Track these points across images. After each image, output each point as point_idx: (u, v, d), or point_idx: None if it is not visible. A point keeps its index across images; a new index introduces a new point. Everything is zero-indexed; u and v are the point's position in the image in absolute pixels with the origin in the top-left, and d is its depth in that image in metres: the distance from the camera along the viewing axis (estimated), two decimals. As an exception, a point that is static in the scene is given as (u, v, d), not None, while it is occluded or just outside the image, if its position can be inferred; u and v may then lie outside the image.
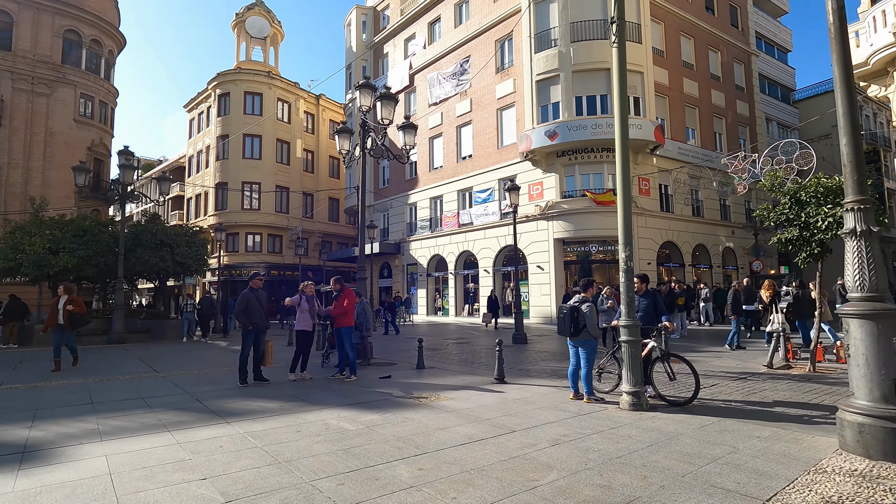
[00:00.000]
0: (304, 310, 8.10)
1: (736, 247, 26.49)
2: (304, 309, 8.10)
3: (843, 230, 4.29)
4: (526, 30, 22.32)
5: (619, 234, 6.09)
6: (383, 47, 32.66)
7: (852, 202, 4.18)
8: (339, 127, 12.01)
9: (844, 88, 4.24)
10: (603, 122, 20.25)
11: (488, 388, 7.12)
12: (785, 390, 6.90)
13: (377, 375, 8.44)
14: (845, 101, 4.24)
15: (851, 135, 4.20)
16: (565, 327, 6.12)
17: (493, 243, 23.90)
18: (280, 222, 35.66)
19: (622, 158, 6.14)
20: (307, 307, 8.12)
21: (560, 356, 11.07)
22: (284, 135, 37.01)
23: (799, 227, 8.81)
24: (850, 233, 4.19)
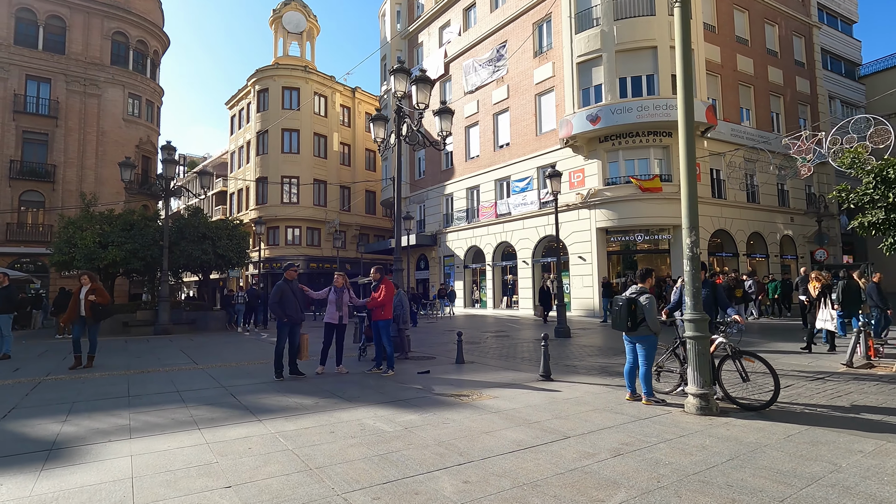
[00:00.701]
0: (332, 301, 7.82)
1: (795, 235, 24.70)
2: (332, 301, 7.82)
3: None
4: (566, 10, 21.34)
5: (684, 218, 5.43)
6: (418, 37, 32.22)
7: None
8: (373, 115, 11.67)
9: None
10: (649, 104, 19.12)
11: (534, 386, 6.62)
12: (875, 393, 6.07)
13: (415, 370, 8.08)
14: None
15: None
16: (621, 321, 5.53)
17: (532, 234, 23.18)
18: (318, 215, 36.01)
19: (686, 131, 5.46)
20: (334, 299, 7.82)
21: (607, 351, 10.41)
22: (321, 128, 37.26)
23: (886, 209, 7.83)
24: None
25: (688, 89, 5.42)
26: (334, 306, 7.83)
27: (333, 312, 7.84)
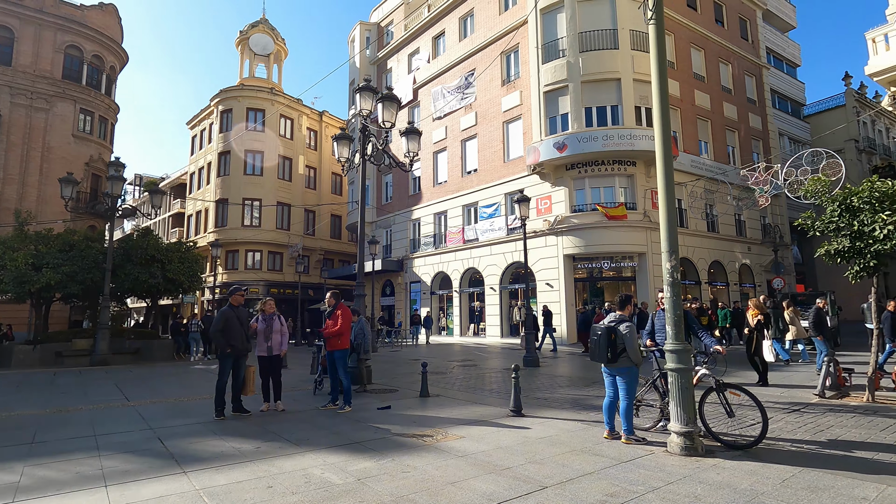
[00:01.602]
0: (260, 332, 7.09)
1: (753, 263, 25.40)
2: (260, 331, 7.09)
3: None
4: (533, 41, 21.75)
5: (663, 241, 5.12)
6: (387, 62, 32.29)
7: None
8: (337, 134, 11.21)
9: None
10: (614, 134, 19.46)
11: (504, 424, 6.07)
12: (855, 427, 5.82)
13: (376, 405, 7.41)
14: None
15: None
16: (601, 352, 5.11)
17: (500, 259, 22.93)
18: (281, 239, 34.86)
19: (663, 148, 5.21)
20: (263, 328, 7.09)
21: (579, 382, 10.00)
22: (287, 151, 36.49)
23: (850, 237, 7.83)
24: None
25: (664, 106, 5.21)
26: (262, 336, 7.11)
27: (262, 343, 7.11)
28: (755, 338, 9.34)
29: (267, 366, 7.12)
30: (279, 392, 7.23)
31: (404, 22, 31.21)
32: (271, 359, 7.19)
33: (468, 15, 26.53)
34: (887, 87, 14.22)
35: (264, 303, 7.44)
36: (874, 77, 14.15)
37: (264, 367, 7.12)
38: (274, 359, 7.24)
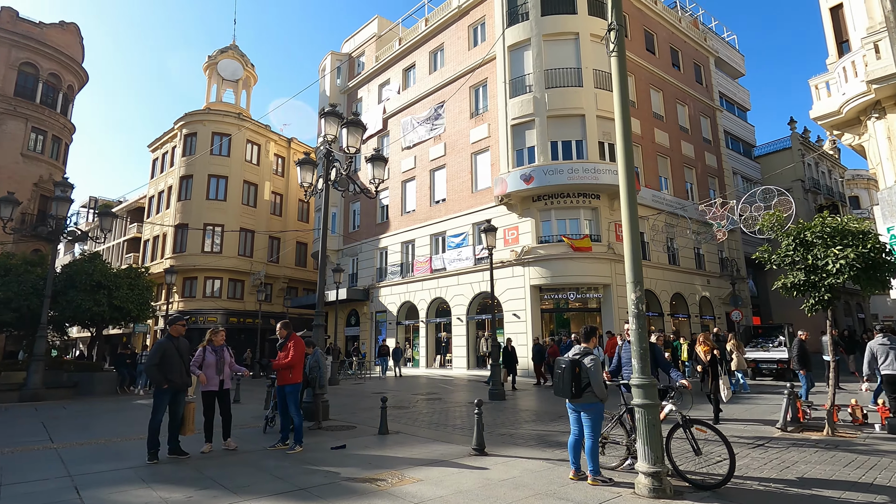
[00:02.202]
0: (210, 365, 6.60)
1: (712, 296, 26.09)
2: (210, 364, 6.60)
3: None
4: (501, 76, 22.30)
5: (628, 272, 5.02)
6: (357, 92, 32.48)
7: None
8: (301, 159, 10.94)
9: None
10: (579, 167, 19.90)
11: (466, 464, 5.71)
12: (818, 463, 5.75)
13: (330, 444, 6.90)
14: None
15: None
16: (565, 386, 4.88)
17: (467, 290, 22.74)
18: (243, 266, 33.72)
19: (626, 179, 5.18)
20: (213, 361, 6.61)
21: (544, 416, 9.72)
22: (252, 177, 35.80)
23: (805, 271, 8.01)
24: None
25: (627, 137, 5.20)
26: (213, 369, 6.61)
27: (212, 377, 6.60)
28: (710, 374, 9.25)
29: (214, 402, 6.58)
30: (229, 429, 6.69)
31: (376, 53, 31.62)
32: (222, 394, 6.67)
33: (438, 49, 27.10)
34: (829, 130, 15.09)
35: (215, 333, 6.94)
36: (817, 121, 14.99)
37: (210, 404, 6.57)
38: (224, 393, 6.72)
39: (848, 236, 7.77)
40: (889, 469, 5.42)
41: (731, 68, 36.05)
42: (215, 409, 6.61)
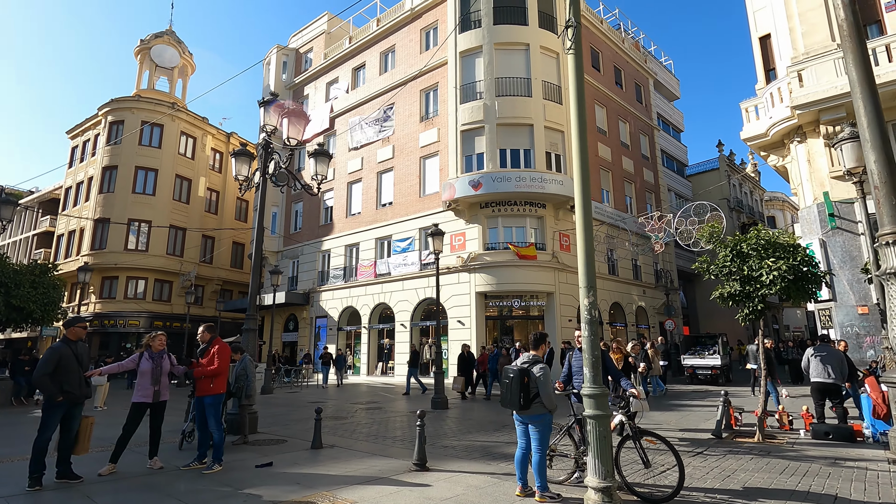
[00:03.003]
0: (145, 373, 5.84)
1: (647, 306, 27.15)
2: (145, 372, 5.84)
3: (883, 270, 3.29)
4: (452, 81, 22.20)
5: (581, 276, 4.82)
6: (304, 89, 31.35)
7: (892, 233, 3.23)
8: (236, 150, 10.14)
9: (871, 102, 3.40)
10: (527, 176, 20.08)
11: (406, 481, 5.28)
12: (756, 470, 5.81)
13: (255, 461, 6.23)
14: (870, 106, 3.40)
15: (881, 149, 3.32)
16: (512, 397, 4.59)
17: (412, 295, 22.29)
18: (172, 266, 31.44)
19: (581, 175, 5.00)
20: (149, 368, 5.86)
21: (488, 426, 9.45)
22: (186, 171, 33.59)
23: (740, 281, 8.27)
24: (893, 274, 3.20)
25: (582, 133, 5.03)
26: (149, 378, 5.83)
27: (147, 387, 5.83)
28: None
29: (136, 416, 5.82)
30: (157, 446, 5.94)
31: (325, 50, 30.71)
32: (156, 406, 5.93)
33: (390, 50, 26.67)
34: (757, 151, 16.11)
35: (152, 337, 6.14)
36: (747, 142, 15.97)
37: (136, 418, 5.79)
38: (159, 406, 5.98)
39: (780, 249, 8.12)
40: (820, 475, 5.55)
41: (668, 91, 38.14)
42: (140, 423, 5.82)
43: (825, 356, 8.48)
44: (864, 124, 3.42)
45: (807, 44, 13.99)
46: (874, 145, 3.37)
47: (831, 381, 8.35)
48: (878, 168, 3.33)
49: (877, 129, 3.37)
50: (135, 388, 5.97)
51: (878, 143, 3.35)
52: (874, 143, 3.37)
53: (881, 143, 3.34)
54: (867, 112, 3.40)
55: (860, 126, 3.45)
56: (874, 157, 3.36)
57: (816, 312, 14.14)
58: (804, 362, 8.81)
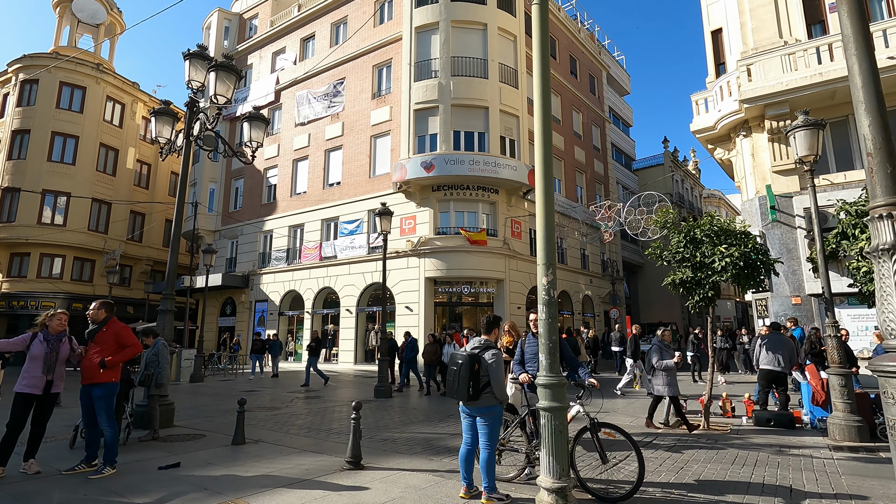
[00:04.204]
0: (36, 358, 4.82)
1: (594, 295, 27.62)
2: (36, 357, 4.83)
3: (874, 246, 2.95)
4: (406, 58, 21.25)
5: (540, 252, 4.32)
6: (247, 57, 29.26)
7: (886, 205, 2.89)
8: (156, 108, 8.93)
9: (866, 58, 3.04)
10: (480, 160, 19.59)
11: (336, 483, 4.63)
12: (708, 461, 5.60)
13: (161, 461, 5.36)
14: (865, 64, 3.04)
15: (877, 111, 2.97)
16: (460, 387, 4.03)
17: (359, 280, 21.40)
18: (94, 243, 28.71)
19: (543, 136, 4.47)
20: (42, 352, 4.85)
21: (433, 416, 8.93)
22: (112, 140, 30.67)
23: (692, 268, 8.14)
24: (886, 250, 2.87)
25: (545, 96, 4.48)
26: (39, 365, 4.80)
27: (36, 376, 4.79)
28: None
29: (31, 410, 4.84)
30: (37, 446, 4.93)
31: (271, 17, 28.77)
32: (45, 399, 4.91)
33: (341, 22, 25.26)
34: (705, 144, 16.38)
35: (50, 316, 5.05)
36: (696, 134, 16.19)
37: (22, 415, 4.78)
38: (48, 399, 4.96)
39: (731, 236, 8.05)
40: (770, 465, 5.41)
41: (619, 85, 38.79)
42: (26, 419, 4.79)
43: (776, 344, 8.53)
44: (857, 84, 3.07)
45: (756, 39, 14.23)
46: (869, 108, 3.01)
47: (780, 368, 8.41)
48: (871, 133, 2.98)
49: (872, 90, 3.01)
50: (20, 375, 4.90)
51: (874, 105, 3.00)
52: (869, 105, 3.02)
53: (876, 105, 3.00)
54: (862, 71, 3.06)
55: (853, 86, 3.10)
56: (868, 120, 3.00)
57: (753, 302, 14.60)
58: (755, 350, 8.86)
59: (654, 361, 7.85)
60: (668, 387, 7.68)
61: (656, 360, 7.80)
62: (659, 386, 7.77)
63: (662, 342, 8.14)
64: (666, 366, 7.70)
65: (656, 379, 7.83)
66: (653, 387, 8.01)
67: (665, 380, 7.72)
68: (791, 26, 14.04)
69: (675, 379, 7.83)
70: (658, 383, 7.79)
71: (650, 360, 7.96)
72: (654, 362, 7.85)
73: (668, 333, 8.41)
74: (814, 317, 12.87)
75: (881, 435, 6.87)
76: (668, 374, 7.72)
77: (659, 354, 7.86)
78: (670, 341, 8.33)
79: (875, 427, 6.92)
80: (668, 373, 7.72)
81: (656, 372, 7.81)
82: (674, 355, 7.94)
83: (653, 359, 7.89)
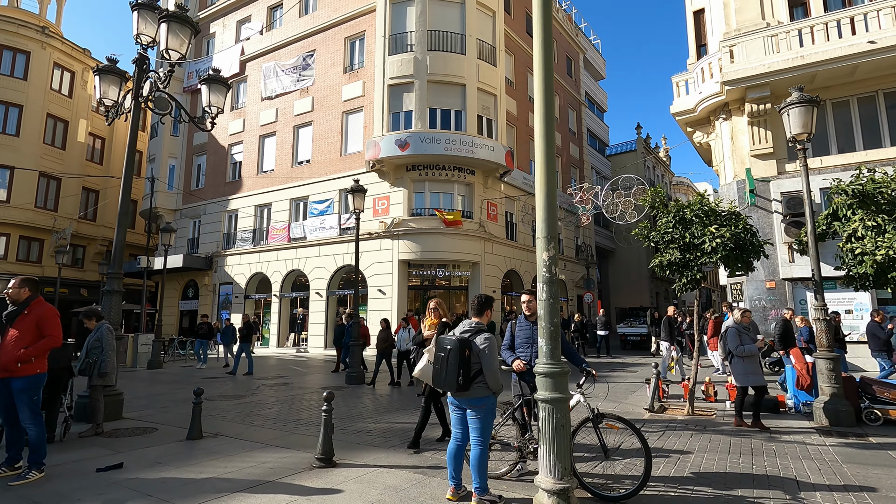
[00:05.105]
0: None
1: (567, 279, 27.60)
2: None
3: None
4: (380, 29, 20.27)
5: (540, 224, 3.85)
6: (210, 25, 27.50)
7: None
8: (101, 66, 7.96)
9: None
10: (457, 139, 18.96)
11: (304, 484, 4.08)
12: (704, 451, 5.32)
13: (102, 461, 4.69)
14: None
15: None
16: (449, 376, 3.52)
17: (329, 262, 20.61)
18: (42, 221, 26.79)
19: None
20: None
21: (410, 402, 8.46)
22: (61, 111, 28.51)
23: (681, 249, 7.85)
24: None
25: (547, 40, 3.95)
26: None
27: None
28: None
29: None
30: None
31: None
32: None
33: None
34: (684, 127, 16.21)
35: None
36: (676, 116, 16.01)
37: None
38: None
39: (721, 217, 7.78)
40: (767, 454, 5.17)
41: (595, 70, 38.56)
42: None
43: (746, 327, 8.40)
44: None
45: (739, 20, 14.02)
46: None
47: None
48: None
49: None
50: None
51: None
52: None
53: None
54: None
55: None
56: None
57: (728, 286, 14.65)
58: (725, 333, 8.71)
59: (732, 347, 6.69)
60: (752, 375, 6.59)
61: (736, 346, 6.67)
62: (740, 375, 6.66)
63: (741, 325, 6.93)
64: (749, 351, 6.61)
65: (735, 367, 6.73)
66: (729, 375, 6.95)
67: (746, 367, 6.63)
68: (774, 8, 13.87)
69: (759, 366, 6.72)
70: (738, 371, 6.68)
71: (727, 345, 6.84)
72: (733, 348, 6.69)
73: (748, 314, 7.22)
74: (787, 301, 12.96)
75: (866, 419, 6.79)
76: (749, 362, 6.64)
77: (738, 339, 6.72)
78: (749, 323, 7.20)
79: (861, 411, 6.83)
80: (749, 360, 6.65)
81: (735, 359, 6.71)
82: (755, 339, 7.00)
83: (731, 343, 6.73)
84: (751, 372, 6.60)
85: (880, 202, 7.10)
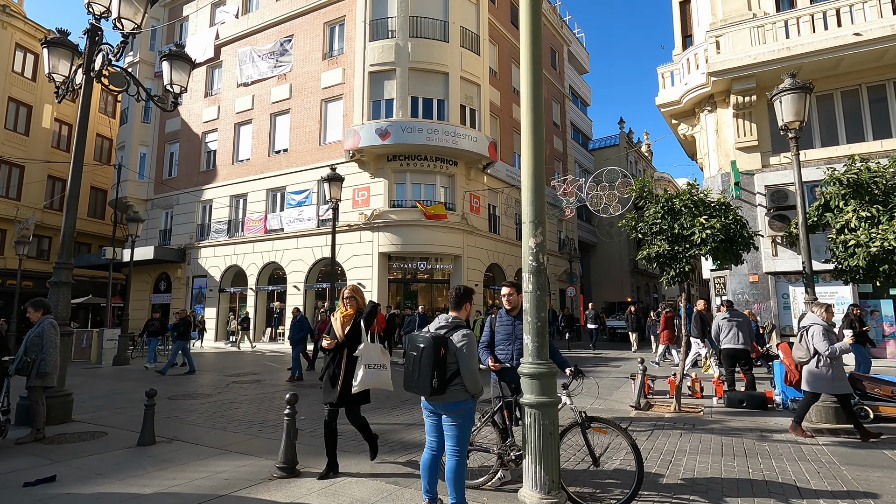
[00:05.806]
0: None
1: (550, 273, 27.41)
2: None
3: None
4: (361, 14, 19.62)
5: (526, 209, 3.45)
6: (182, 9, 26.43)
7: None
8: (50, 38, 7.29)
9: None
10: (439, 129, 18.49)
11: (261, 497, 3.64)
12: (695, 452, 5.04)
13: (33, 474, 4.18)
14: None
15: None
16: (422, 377, 3.12)
17: (307, 255, 20.00)
18: (3, 210, 25.57)
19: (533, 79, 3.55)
20: None
21: (386, 401, 8.04)
22: (24, 95, 27.17)
23: (669, 241, 7.57)
24: None
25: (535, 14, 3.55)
26: None
27: None
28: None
29: None
30: None
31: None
32: None
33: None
34: (669, 119, 16.01)
35: None
36: (661, 108, 15.80)
37: None
38: None
39: (710, 208, 7.53)
40: (762, 455, 4.91)
41: (579, 63, 38.38)
42: None
43: (736, 322, 8.24)
44: None
45: (725, 10, 13.81)
46: None
47: (741, 346, 8.14)
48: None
49: None
50: None
51: None
52: None
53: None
54: None
55: None
56: None
57: (712, 280, 14.55)
58: (714, 329, 8.55)
59: (822, 348, 5.64)
60: (838, 382, 5.68)
61: (827, 347, 5.61)
62: (824, 381, 5.68)
63: (826, 322, 5.92)
64: (842, 350, 5.61)
65: (818, 372, 5.70)
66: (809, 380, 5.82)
67: (836, 373, 5.65)
68: (760, -2, 13.70)
69: (843, 370, 5.78)
70: (821, 377, 5.70)
71: (816, 346, 5.72)
72: (822, 349, 5.64)
73: (831, 310, 6.06)
74: (770, 295, 12.89)
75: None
76: (838, 367, 5.70)
77: (828, 338, 5.69)
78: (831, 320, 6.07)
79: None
80: (838, 362, 5.72)
81: (820, 363, 5.68)
82: (842, 335, 6.09)
83: (821, 345, 5.65)
84: (838, 378, 5.68)
85: (874, 192, 6.91)
